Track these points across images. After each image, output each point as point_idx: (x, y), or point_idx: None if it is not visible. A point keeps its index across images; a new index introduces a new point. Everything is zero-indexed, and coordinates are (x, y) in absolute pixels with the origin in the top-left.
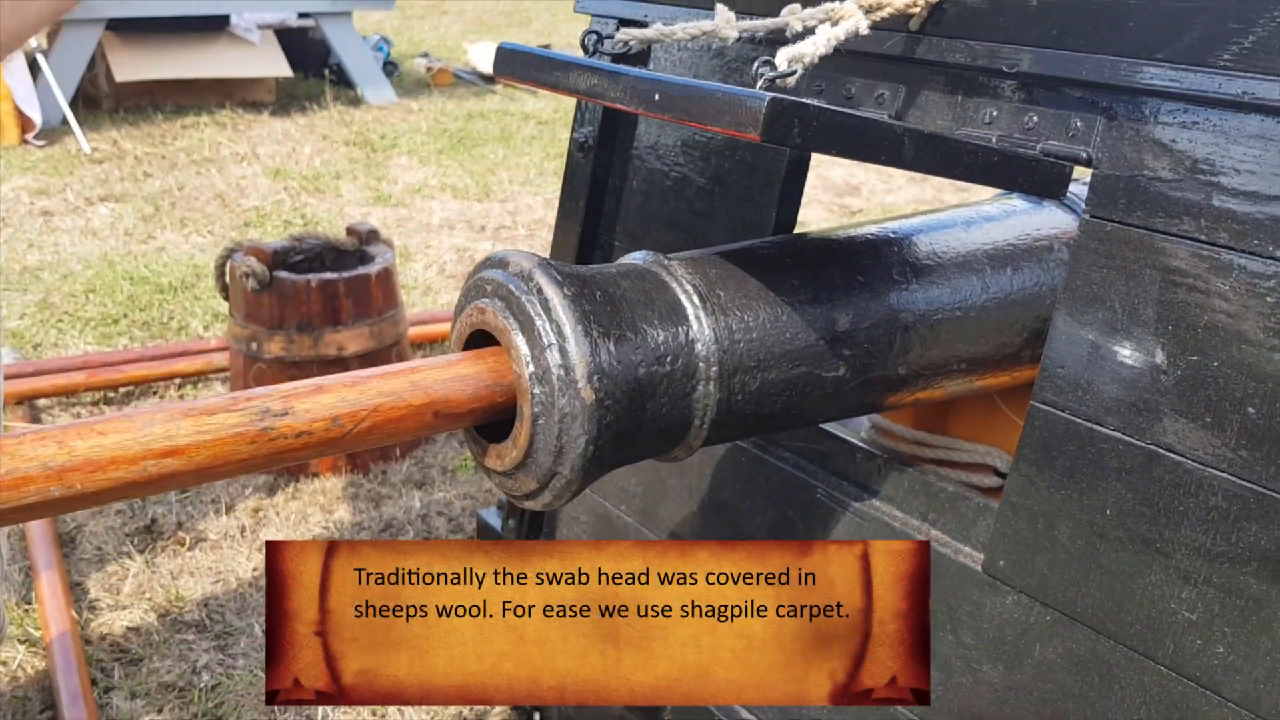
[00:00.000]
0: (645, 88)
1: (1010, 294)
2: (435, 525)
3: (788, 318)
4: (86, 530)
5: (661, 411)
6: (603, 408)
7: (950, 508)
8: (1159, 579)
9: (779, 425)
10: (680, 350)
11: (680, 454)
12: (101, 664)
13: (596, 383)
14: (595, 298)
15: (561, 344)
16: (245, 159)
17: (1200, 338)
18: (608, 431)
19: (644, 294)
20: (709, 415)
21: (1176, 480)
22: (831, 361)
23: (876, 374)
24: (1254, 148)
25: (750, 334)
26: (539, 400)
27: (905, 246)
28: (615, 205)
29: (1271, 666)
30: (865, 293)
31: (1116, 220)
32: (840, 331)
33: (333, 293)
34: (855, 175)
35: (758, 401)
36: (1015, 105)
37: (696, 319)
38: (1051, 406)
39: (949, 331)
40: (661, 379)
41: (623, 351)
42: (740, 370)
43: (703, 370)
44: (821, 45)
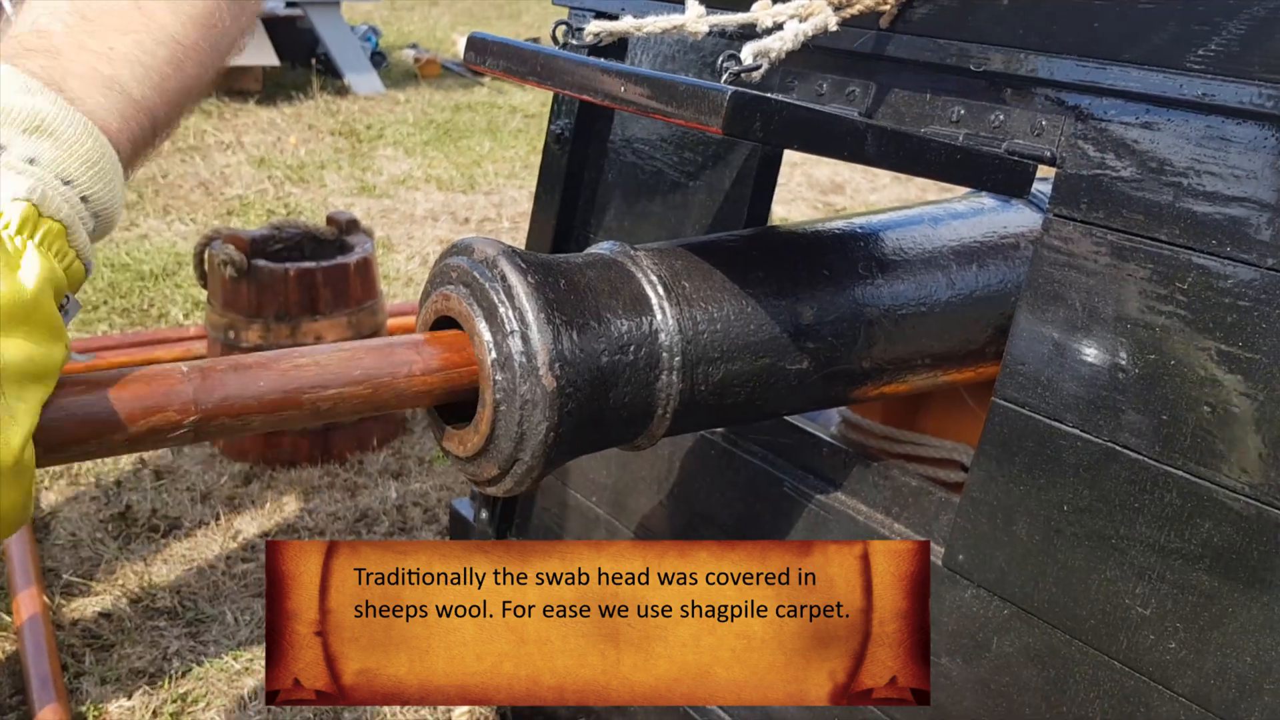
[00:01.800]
0: (611, 79)
1: (975, 290)
2: (411, 515)
3: (752, 310)
4: (60, 516)
5: (624, 400)
6: (564, 395)
7: (914, 502)
8: (1114, 575)
9: (742, 416)
10: (644, 340)
11: (643, 443)
12: (72, 649)
13: (558, 370)
14: (559, 286)
15: (524, 331)
16: (230, 147)
17: (1158, 337)
18: (569, 419)
19: (609, 283)
20: (671, 405)
21: (1132, 477)
22: (795, 354)
23: (840, 367)
24: (1214, 149)
25: (714, 325)
26: (501, 387)
27: (872, 242)
28: (591, 198)
29: (1222, 662)
30: (830, 287)
31: (1078, 219)
32: (804, 325)
33: (311, 282)
34: (840, 174)
35: (721, 392)
36: (982, 104)
37: (661, 309)
38: (1012, 403)
39: (913, 326)
40: (624, 368)
41: (585, 340)
42: (703, 361)
43: (666, 360)
44: (789, 40)
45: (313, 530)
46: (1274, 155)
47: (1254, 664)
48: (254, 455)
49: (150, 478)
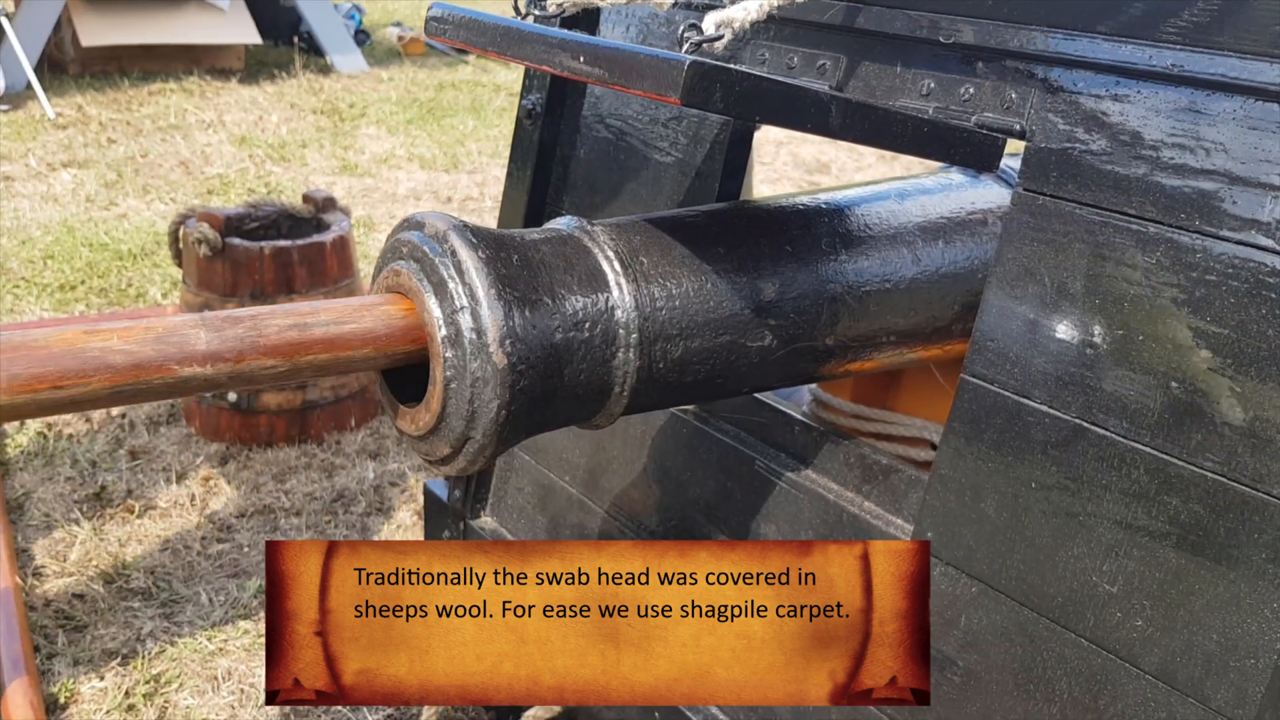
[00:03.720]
0: (569, 50)
1: (942, 267)
2: (388, 495)
3: (712, 286)
4: (35, 496)
5: (580, 378)
6: (516, 372)
7: (883, 480)
8: (1081, 552)
9: (705, 394)
10: (599, 316)
11: (601, 421)
12: (45, 630)
13: (509, 347)
14: (512, 261)
15: (474, 307)
16: (211, 126)
17: (1126, 312)
18: (522, 396)
19: (564, 259)
20: (629, 382)
21: (1100, 454)
22: (757, 331)
23: (804, 344)
24: (1183, 121)
25: (673, 301)
26: (451, 364)
27: (836, 218)
28: (564, 174)
29: (1188, 639)
30: (792, 263)
31: (1048, 194)
32: (766, 301)
33: (286, 260)
34: (826, 153)
35: (680, 369)
36: (953, 77)
37: (617, 285)
38: (981, 379)
39: (878, 303)
40: (579, 345)
41: (538, 316)
42: (661, 338)
43: (622, 337)
44: (754, 10)
45: (289, 511)
46: (1244, 128)
47: (1220, 641)
48: (230, 435)
49: (126, 458)
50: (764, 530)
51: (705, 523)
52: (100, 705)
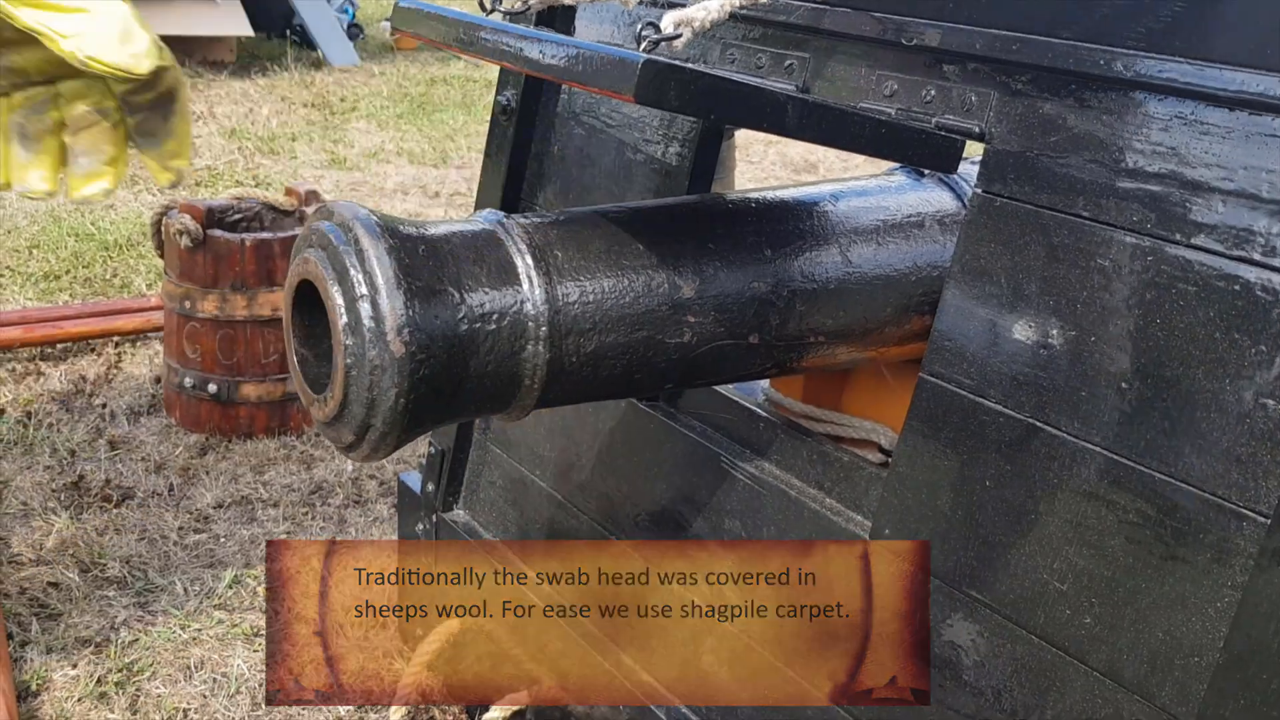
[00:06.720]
0: (528, 46)
1: (874, 269)
2: (366, 488)
3: (629, 282)
4: (13, 485)
5: (486, 369)
6: (415, 361)
7: (845, 477)
8: (1032, 550)
9: (624, 389)
10: (508, 309)
11: (515, 413)
12: (19, 618)
13: (408, 336)
14: (417, 252)
15: (374, 295)
16: (201, 118)
17: (1079, 313)
18: (422, 385)
19: (474, 251)
20: (539, 375)
21: (1052, 453)
22: (675, 328)
23: (726, 342)
24: (1137, 125)
25: (586, 296)
26: (351, 351)
27: (765, 217)
28: (538, 169)
29: (1134, 637)
30: (715, 261)
31: (1005, 195)
32: (684, 298)
33: (268, 253)
34: (814, 153)
35: (594, 364)
36: (915, 79)
37: (528, 278)
38: (938, 378)
39: (805, 303)
40: (486, 336)
41: (441, 306)
42: (574, 332)
43: (532, 330)
44: (714, 10)
45: (267, 502)
46: (1196, 133)
47: (1165, 639)
48: (210, 426)
49: (105, 448)
50: (728, 526)
51: (672, 518)
52: (72, 693)
